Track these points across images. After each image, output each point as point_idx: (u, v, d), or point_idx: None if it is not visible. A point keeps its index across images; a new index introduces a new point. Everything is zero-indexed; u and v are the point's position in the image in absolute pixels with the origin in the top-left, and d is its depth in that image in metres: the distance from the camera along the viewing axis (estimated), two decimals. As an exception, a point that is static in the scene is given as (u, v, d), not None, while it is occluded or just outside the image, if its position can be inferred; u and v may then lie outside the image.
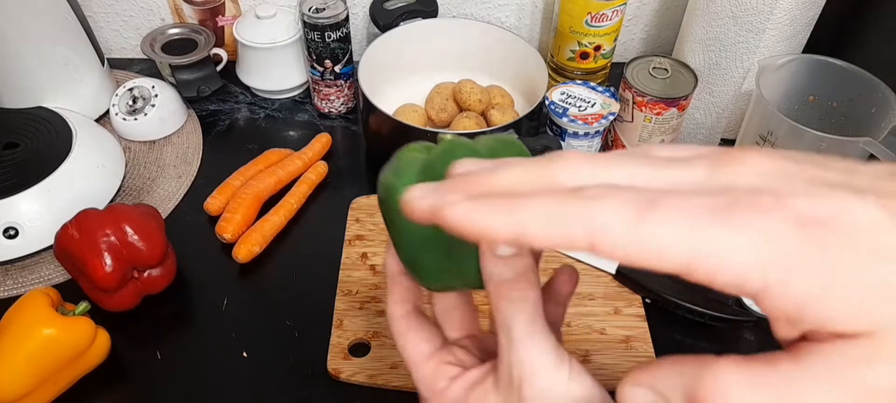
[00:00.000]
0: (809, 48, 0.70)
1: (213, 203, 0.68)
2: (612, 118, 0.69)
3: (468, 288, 0.33)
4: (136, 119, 0.76)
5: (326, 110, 0.82)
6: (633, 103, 0.69)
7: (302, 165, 0.72)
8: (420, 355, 0.32)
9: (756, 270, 0.18)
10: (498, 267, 0.27)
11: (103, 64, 0.79)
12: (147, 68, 0.87)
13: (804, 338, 0.20)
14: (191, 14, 0.86)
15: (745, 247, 0.18)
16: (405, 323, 0.33)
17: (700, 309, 0.58)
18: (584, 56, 0.79)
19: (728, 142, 0.73)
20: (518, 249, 0.27)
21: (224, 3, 0.85)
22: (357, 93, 0.81)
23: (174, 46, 0.80)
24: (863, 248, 0.18)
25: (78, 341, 0.51)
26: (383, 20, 0.79)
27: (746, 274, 0.18)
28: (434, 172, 0.29)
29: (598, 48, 0.78)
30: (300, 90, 0.85)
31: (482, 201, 0.20)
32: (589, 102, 0.70)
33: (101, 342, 0.53)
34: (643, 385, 0.21)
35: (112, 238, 0.55)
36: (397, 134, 0.68)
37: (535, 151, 0.69)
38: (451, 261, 0.31)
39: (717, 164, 0.20)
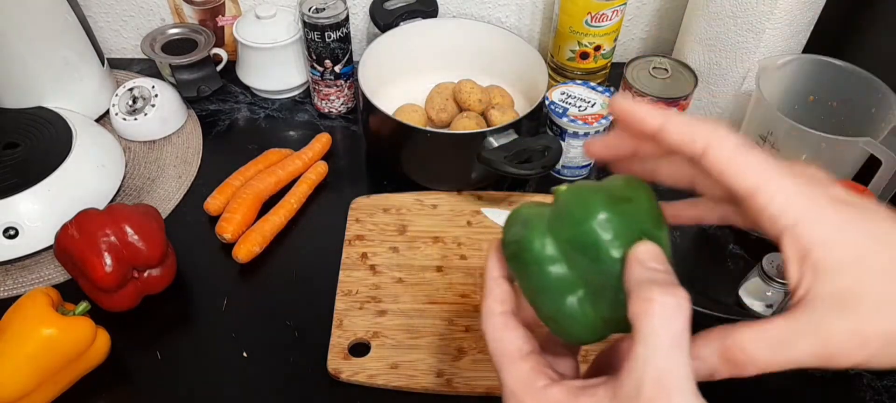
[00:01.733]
0: (809, 48, 0.70)
1: (213, 203, 0.68)
2: (612, 118, 0.69)
3: (619, 331, 0.32)
4: (136, 119, 0.76)
5: (326, 110, 0.82)
6: (634, 103, 0.69)
7: (302, 165, 0.72)
8: (517, 351, 0.31)
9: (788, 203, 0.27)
10: (649, 273, 0.27)
11: (103, 64, 0.79)
12: (147, 68, 0.87)
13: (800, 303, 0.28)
14: (191, 14, 0.86)
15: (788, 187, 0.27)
16: (503, 320, 0.32)
17: (700, 310, 0.58)
18: (584, 56, 0.79)
19: (728, 142, 0.73)
20: (665, 267, 0.28)
21: (224, 3, 0.85)
22: (357, 93, 0.81)
23: (174, 46, 0.80)
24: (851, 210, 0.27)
25: (78, 341, 0.51)
26: (383, 20, 0.79)
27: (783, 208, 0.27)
28: (570, 218, 0.30)
29: (598, 48, 0.78)
30: (300, 90, 0.85)
31: None
32: (589, 102, 0.70)
33: (101, 342, 0.53)
34: (694, 358, 0.29)
35: (112, 238, 0.55)
36: (397, 134, 0.68)
37: (536, 151, 0.69)
38: (597, 301, 0.30)
39: None
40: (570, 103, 0.70)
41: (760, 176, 0.28)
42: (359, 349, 0.57)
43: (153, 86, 0.77)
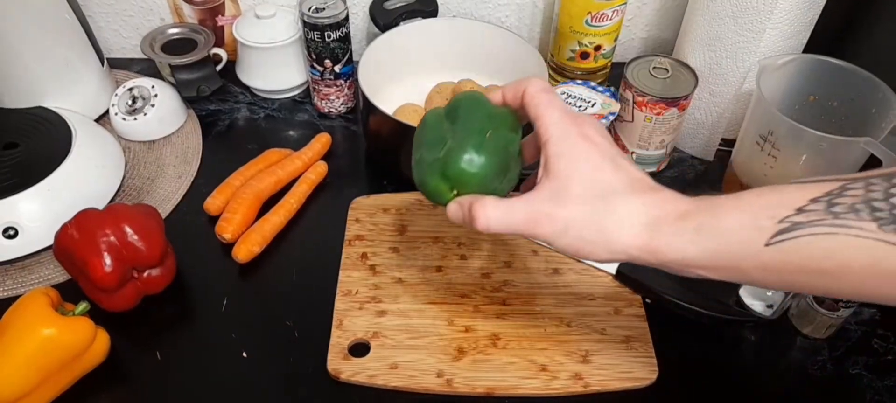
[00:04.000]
0: (810, 48, 0.70)
1: (212, 203, 0.68)
2: (612, 118, 0.69)
3: (445, 180, 0.44)
4: (135, 119, 0.76)
5: (326, 110, 0.82)
6: (634, 103, 0.69)
7: (302, 165, 0.72)
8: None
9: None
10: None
11: (103, 64, 0.79)
12: (147, 68, 0.87)
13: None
14: (190, 14, 0.86)
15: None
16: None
17: (700, 310, 0.58)
18: (585, 56, 0.79)
19: (729, 143, 0.73)
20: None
21: (224, 2, 0.85)
22: (357, 92, 0.81)
23: (174, 46, 0.79)
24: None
25: (78, 341, 0.51)
26: (383, 20, 0.79)
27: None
28: (457, 98, 0.47)
29: (598, 48, 0.78)
30: (300, 90, 0.85)
31: None
32: (589, 102, 0.70)
33: (101, 342, 0.53)
34: (455, 202, 0.44)
35: (112, 238, 0.55)
36: (397, 134, 0.68)
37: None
38: (447, 149, 0.44)
39: None
40: (570, 103, 0.70)
41: (544, 108, 0.42)
42: (359, 349, 0.57)
43: (153, 86, 0.77)
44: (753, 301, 0.60)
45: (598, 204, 0.39)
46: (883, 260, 0.32)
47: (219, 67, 0.84)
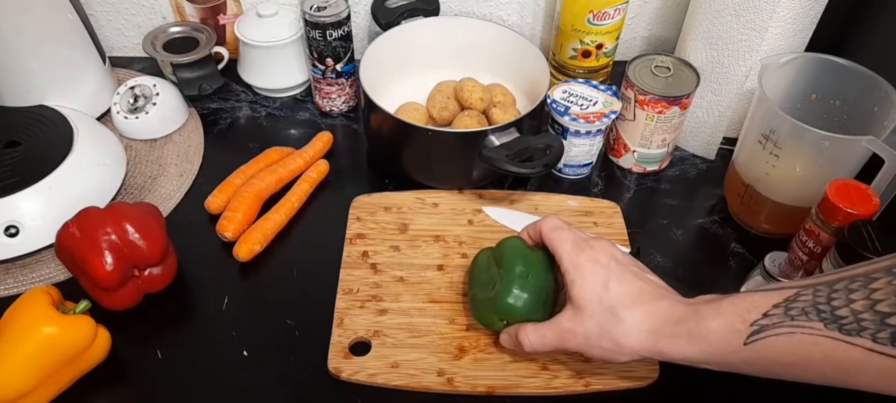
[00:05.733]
0: (812, 46, 0.70)
1: (213, 201, 0.68)
2: (614, 117, 0.69)
3: (494, 311, 0.54)
4: (137, 117, 0.76)
5: (328, 109, 0.82)
6: (636, 102, 0.68)
7: (303, 164, 0.72)
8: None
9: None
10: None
11: (105, 62, 0.79)
12: (148, 67, 0.87)
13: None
14: (192, 12, 0.86)
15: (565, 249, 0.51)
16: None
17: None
18: (586, 54, 0.79)
19: (730, 141, 0.73)
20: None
21: (225, 1, 0.85)
22: (358, 91, 0.81)
23: (176, 45, 0.80)
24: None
25: (78, 340, 0.51)
26: (385, 18, 0.79)
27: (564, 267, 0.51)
28: (500, 245, 0.57)
29: (599, 46, 0.78)
30: (301, 88, 0.85)
31: None
32: (591, 101, 0.70)
33: (102, 341, 0.53)
34: (505, 331, 0.54)
35: (113, 236, 0.55)
36: (399, 132, 0.68)
37: (537, 150, 0.68)
38: (494, 289, 0.54)
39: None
40: (571, 101, 0.69)
41: (559, 244, 0.51)
42: (359, 348, 0.57)
43: (154, 85, 0.77)
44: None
45: (607, 318, 0.47)
46: (831, 353, 0.39)
47: (220, 66, 0.84)
